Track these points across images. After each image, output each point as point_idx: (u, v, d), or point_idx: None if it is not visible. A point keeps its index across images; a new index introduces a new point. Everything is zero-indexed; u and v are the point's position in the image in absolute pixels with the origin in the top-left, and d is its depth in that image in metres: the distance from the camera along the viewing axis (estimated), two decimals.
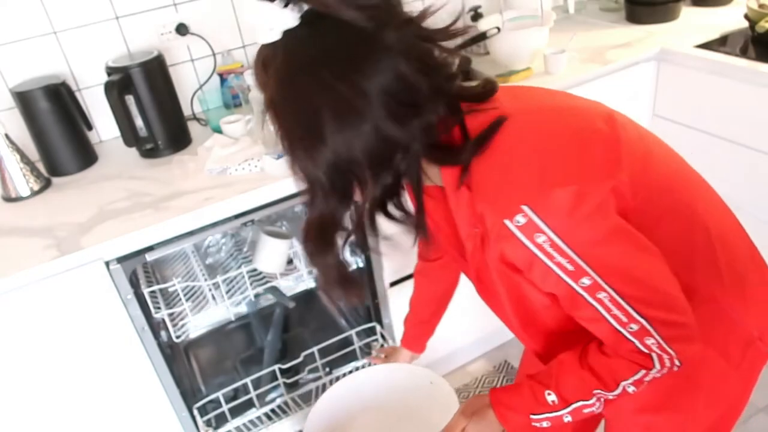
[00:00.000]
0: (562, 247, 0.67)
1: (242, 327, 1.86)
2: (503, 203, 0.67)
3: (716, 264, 0.80)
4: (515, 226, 0.66)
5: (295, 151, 0.68)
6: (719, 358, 0.82)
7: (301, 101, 0.65)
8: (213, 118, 1.63)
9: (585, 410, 0.81)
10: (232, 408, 1.50)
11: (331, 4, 0.63)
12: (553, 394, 0.81)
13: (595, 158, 0.71)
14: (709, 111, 1.69)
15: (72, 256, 1.18)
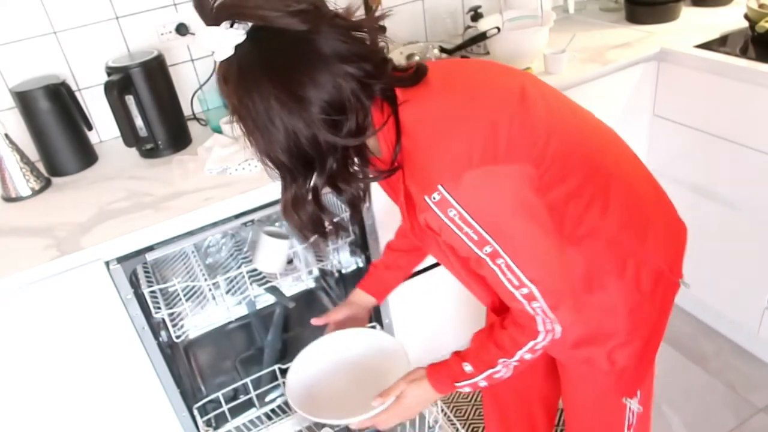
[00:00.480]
0: (469, 221, 0.79)
1: (242, 327, 1.86)
2: (424, 182, 0.79)
3: (626, 209, 0.93)
4: (432, 202, 0.79)
5: (257, 149, 0.81)
6: (634, 291, 0.95)
7: (254, 107, 0.76)
8: (213, 118, 1.63)
9: (495, 375, 0.96)
10: (232, 408, 1.50)
11: (267, 16, 0.73)
12: (469, 365, 0.97)
13: (504, 141, 0.81)
14: (709, 111, 1.69)
15: (72, 256, 1.18)
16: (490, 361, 0.96)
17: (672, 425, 1.74)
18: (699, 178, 1.80)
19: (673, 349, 1.97)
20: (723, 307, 1.91)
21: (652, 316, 0.99)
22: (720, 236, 1.80)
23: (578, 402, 1.15)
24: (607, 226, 0.91)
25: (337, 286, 1.91)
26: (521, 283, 0.84)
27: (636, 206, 0.95)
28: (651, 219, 0.97)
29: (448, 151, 0.79)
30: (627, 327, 0.98)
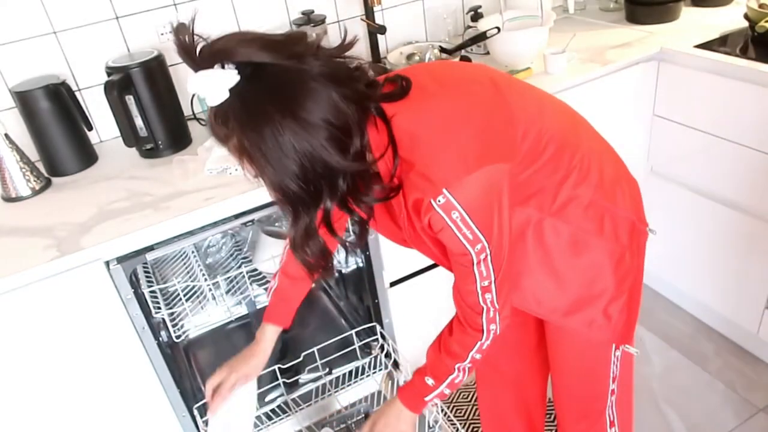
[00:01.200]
0: (468, 222, 0.86)
1: (242, 327, 1.86)
2: (429, 187, 0.85)
3: (595, 174, 1.03)
4: (438, 205, 0.85)
5: (270, 184, 0.82)
6: (615, 244, 1.05)
7: (265, 141, 0.77)
8: None
9: (456, 381, 1.06)
10: None
11: (254, 54, 0.76)
12: (430, 378, 1.07)
13: (492, 140, 0.89)
14: (709, 111, 1.69)
15: (72, 256, 1.18)
16: (447, 369, 1.05)
17: (672, 425, 1.75)
18: (699, 178, 1.80)
19: (673, 349, 1.97)
20: (723, 307, 1.91)
21: (633, 264, 1.08)
22: (720, 236, 1.80)
23: (567, 360, 1.23)
24: (582, 192, 1.01)
25: (337, 285, 1.91)
26: (488, 275, 0.93)
27: (602, 170, 1.04)
28: (615, 179, 1.07)
29: (446, 158, 0.85)
30: (615, 280, 1.07)
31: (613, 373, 1.17)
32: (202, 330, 1.86)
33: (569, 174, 1.00)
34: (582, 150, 1.02)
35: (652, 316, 2.10)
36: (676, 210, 1.91)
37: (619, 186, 1.07)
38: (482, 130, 0.88)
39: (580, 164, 1.00)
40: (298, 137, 0.77)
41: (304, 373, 1.62)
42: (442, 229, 0.87)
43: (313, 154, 0.78)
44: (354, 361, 1.64)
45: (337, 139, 0.79)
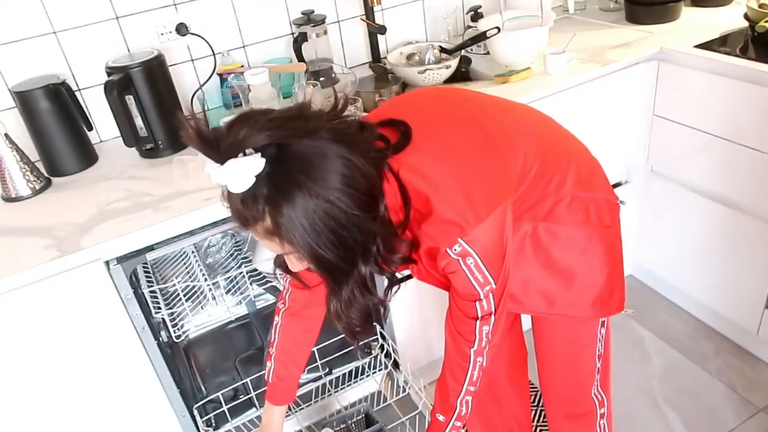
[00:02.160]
0: (481, 267, 0.92)
1: (242, 327, 1.86)
2: (444, 238, 0.89)
3: (573, 169, 1.06)
4: (454, 253, 0.90)
5: (309, 257, 0.83)
6: (600, 227, 1.11)
7: (298, 216, 0.78)
8: (213, 118, 1.63)
9: (462, 414, 1.07)
10: (231, 408, 1.51)
11: (275, 137, 0.77)
12: (441, 415, 1.08)
13: (494, 182, 0.92)
14: (709, 111, 1.69)
15: (72, 256, 1.18)
16: (450, 405, 1.07)
17: (672, 425, 1.74)
18: (699, 178, 1.80)
19: (673, 349, 1.97)
20: (723, 307, 1.91)
21: (616, 239, 1.15)
22: (720, 236, 1.80)
23: (552, 344, 1.26)
24: (566, 191, 1.05)
25: None
26: (489, 308, 0.98)
27: (578, 164, 1.08)
28: (588, 167, 1.11)
29: (457, 208, 0.88)
30: (610, 258, 1.13)
31: (598, 350, 1.22)
32: (202, 330, 1.86)
33: (551, 179, 1.03)
34: (558, 152, 1.06)
35: (652, 316, 2.10)
36: (676, 210, 1.91)
37: (593, 172, 1.12)
38: (484, 173, 0.91)
39: (559, 166, 1.04)
40: (330, 208, 0.79)
41: (304, 373, 1.62)
42: (455, 273, 0.93)
43: (346, 222, 0.80)
44: (354, 361, 1.64)
45: (365, 203, 0.82)
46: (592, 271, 1.12)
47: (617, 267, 1.16)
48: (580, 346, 1.23)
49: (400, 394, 1.48)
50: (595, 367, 1.24)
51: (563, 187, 1.05)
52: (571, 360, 1.26)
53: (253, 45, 1.80)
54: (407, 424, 1.45)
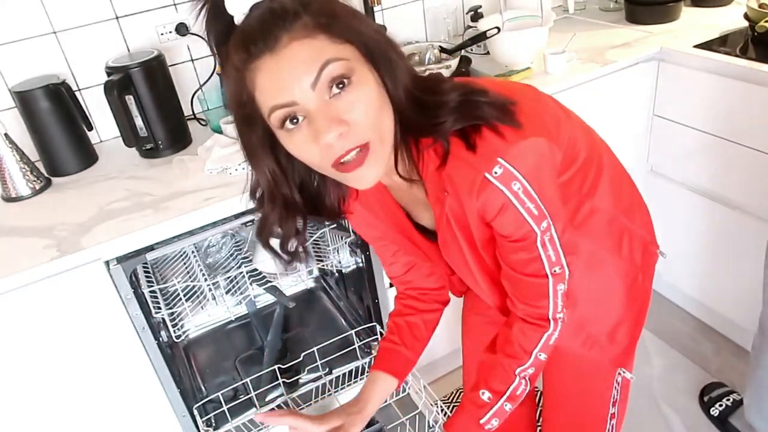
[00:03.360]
0: (531, 194, 0.78)
1: (242, 327, 1.86)
2: (481, 161, 0.76)
3: (616, 189, 1.00)
4: (494, 177, 0.76)
5: (365, 51, 0.76)
6: (630, 265, 1.02)
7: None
8: (213, 118, 1.63)
9: (517, 392, 0.94)
10: (231, 408, 1.50)
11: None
12: (486, 392, 0.94)
13: (540, 117, 0.83)
14: (709, 111, 1.69)
15: (72, 256, 1.18)
16: (507, 375, 0.93)
17: (672, 425, 1.75)
18: (699, 178, 1.80)
19: (673, 349, 1.97)
20: (723, 307, 1.91)
21: (644, 286, 1.06)
22: (720, 236, 1.80)
23: (566, 381, 1.16)
24: (605, 206, 0.97)
25: (337, 285, 1.91)
26: (558, 259, 0.85)
27: (621, 186, 1.02)
28: (632, 197, 1.05)
29: (496, 130, 0.78)
30: (625, 302, 1.03)
31: (614, 397, 1.12)
32: (202, 330, 1.86)
33: (595, 187, 0.95)
34: (604, 164, 0.98)
35: (652, 316, 2.08)
36: (676, 210, 1.91)
37: (636, 205, 1.05)
38: (528, 108, 0.81)
39: (602, 178, 0.97)
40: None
41: (304, 373, 1.62)
42: (502, 208, 0.79)
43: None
44: (354, 361, 1.64)
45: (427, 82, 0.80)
46: (600, 306, 1.02)
47: (631, 317, 1.05)
48: (590, 386, 1.12)
49: (400, 394, 1.47)
50: (607, 412, 1.12)
51: (604, 200, 0.96)
52: (579, 400, 1.15)
53: None
54: (407, 424, 1.45)
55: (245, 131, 0.78)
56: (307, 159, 0.76)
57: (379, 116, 0.74)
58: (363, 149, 0.74)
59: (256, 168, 0.82)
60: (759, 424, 1.45)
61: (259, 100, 0.73)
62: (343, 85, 0.71)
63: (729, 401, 1.73)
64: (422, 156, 0.81)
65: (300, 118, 0.72)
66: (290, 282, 1.94)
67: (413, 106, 0.77)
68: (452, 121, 0.77)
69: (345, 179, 0.78)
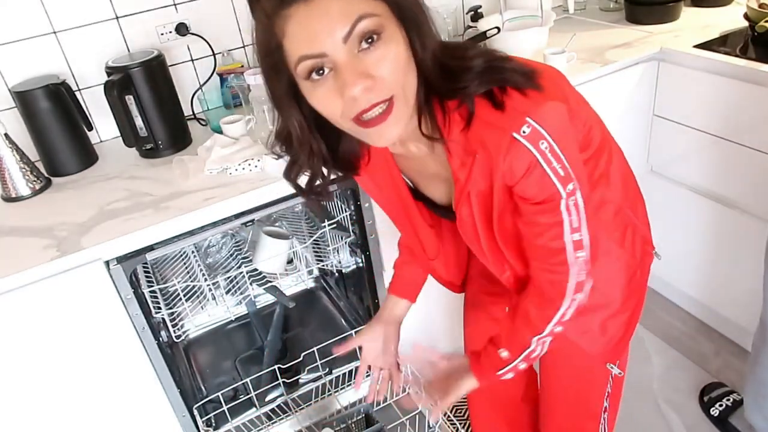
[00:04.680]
0: (558, 153, 0.78)
1: (242, 327, 1.86)
2: (508, 119, 0.76)
3: (623, 181, 1.01)
4: (522, 136, 0.76)
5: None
6: (631, 258, 1.03)
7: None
8: (213, 118, 1.63)
9: (532, 355, 0.99)
10: (231, 408, 1.50)
11: None
12: (505, 351, 1.00)
13: (561, 87, 0.84)
14: (709, 111, 1.69)
15: (72, 256, 1.18)
16: (523, 341, 0.98)
17: (672, 425, 1.75)
18: (699, 178, 1.80)
19: (673, 349, 1.97)
20: (723, 307, 1.91)
21: (641, 283, 1.07)
22: (720, 236, 1.80)
23: (561, 374, 1.20)
24: (613, 195, 0.98)
25: (337, 285, 1.91)
26: (579, 225, 0.85)
27: (627, 179, 1.03)
28: (636, 192, 1.06)
29: (522, 91, 0.78)
30: (622, 295, 1.04)
31: (607, 390, 1.15)
32: (202, 330, 1.86)
33: (606, 175, 0.96)
34: (614, 154, 0.99)
35: (652, 316, 2.10)
36: (676, 210, 1.91)
37: (639, 200, 1.07)
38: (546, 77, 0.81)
39: (612, 167, 0.98)
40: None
41: (304, 373, 1.62)
42: (528, 169, 0.79)
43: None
44: (354, 361, 1.64)
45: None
46: (598, 295, 1.00)
47: (626, 311, 1.06)
48: (585, 379, 1.15)
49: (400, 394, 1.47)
50: (601, 405, 1.16)
51: (612, 191, 0.97)
52: (574, 393, 1.19)
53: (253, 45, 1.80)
54: (407, 424, 1.45)
55: (272, 79, 0.78)
56: (329, 112, 0.76)
57: (404, 75, 0.74)
58: (387, 106, 0.74)
59: (282, 116, 0.83)
60: (759, 424, 1.45)
61: (287, 48, 0.73)
62: (372, 41, 0.71)
63: (729, 401, 1.73)
64: (448, 118, 0.81)
65: (326, 70, 0.72)
66: (290, 282, 1.94)
67: (439, 70, 0.77)
68: (476, 84, 0.77)
69: (365, 134, 0.78)
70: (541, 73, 0.80)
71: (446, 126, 0.82)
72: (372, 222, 1.50)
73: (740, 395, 1.73)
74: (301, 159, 0.88)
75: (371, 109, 0.73)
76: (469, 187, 0.86)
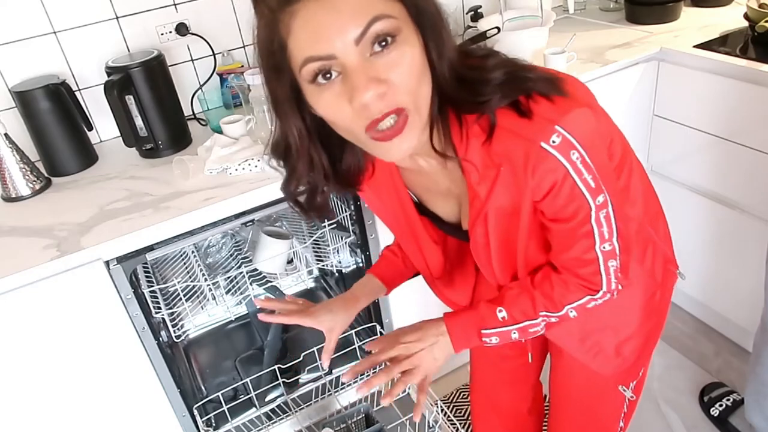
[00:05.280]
0: (589, 164, 0.73)
1: (242, 327, 1.86)
2: (536, 128, 0.71)
3: (645, 196, 0.96)
4: (551, 146, 0.70)
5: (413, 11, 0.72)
6: (650, 279, 0.98)
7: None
8: (213, 118, 1.63)
9: (531, 329, 0.89)
10: (231, 408, 1.50)
11: None
12: (504, 311, 0.88)
13: (591, 102, 0.78)
14: (709, 111, 1.69)
15: (72, 256, 1.18)
16: (533, 310, 0.88)
17: (672, 425, 1.74)
18: (699, 178, 1.80)
19: (673, 349, 1.97)
20: (723, 307, 1.91)
21: (660, 306, 1.01)
22: (720, 236, 1.80)
23: (572, 394, 1.15)
24: (635, 212, 0.93)
25: (337, 285, 1.91)
26: (610, 235, 0.80)
27: (648, 194, 0.98)
28: (657, 209, 1.02)
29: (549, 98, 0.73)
30: (639, 317, 0.99)
31: (623, 411, 1.10)
32: (202, 330, 1.86)
33: (626, 191, 0.91)
34: (635, 168, 0.94)
35: None
36: (676, 210, 1.91)
37: (660, 217, 1.02)
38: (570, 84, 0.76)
39: (633, 181, 0.92)
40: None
41: (304, 373, 1.63)
42: (556, 183, 0.73)
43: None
44: (354, 361, 1.64)
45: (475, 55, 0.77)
46: (614, 317, 0.96)
47: (642, 334, 1.01)
48: (600, 400, 1.10)
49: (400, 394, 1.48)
50: (617, 427, 1.11)
51: (633, 206, 0.92)
52: (589, 414, 1.13)
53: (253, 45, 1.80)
54: (407, 424, 1.45)
55: (273, 81, 0.72)
56: (337, 119, 0.69)
57: (418, 83, 0.68)
58: (400, 117, 0.68)
59: (281, 122, 0.76)
60: (759, 424, 1.45)
61: (291, 48, 0.66)
62: (386, 44, 0.65)
63: (729, 401, 1.73)
64: (466, 132, 0.75)
65: (334, 74, 0.66)
66: (290, 282, 1.94)
67: (457, 81, 0.72)
68: (499, 98, 0.72)
69: (375, 147, 0.71)
70: (565, 79, 0.75)
71: (463, 140, 0.76)
72: (372, 222, 1.50)
73: (740, 395, 1.73)
74: (299, 170, 0.81)
75: (383, 119, 0.67)
76: (488, 206, 0.79)
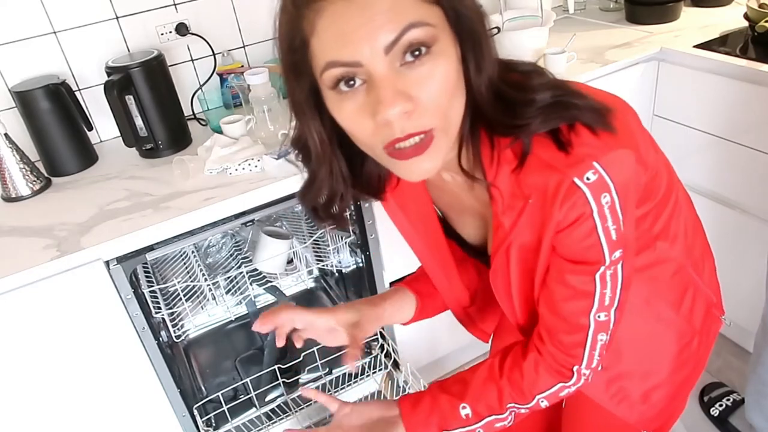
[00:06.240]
0: (617, 212, 0.66)
1: (242, 327, 1.86)
2: (573, 161, 0.64)
3: (689, 234, 0.88)
4: (584, 183, 0.63)
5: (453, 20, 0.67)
6: (686, 325, 0.89)
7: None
8: (213, 118, 1.63)
9: (497, 424, 0.82)
10: (231, 408, 1.51)
11: None
12: (468, 407, 0.81)
13: (636, 138, 0.71)
14: (709, 111, 1.69)
15: (72, 256, 1.18)
16: (500, 404, 0.80)
17: None
18: (699, 178, 1.80)
19: None
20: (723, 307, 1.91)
21: (699, 353, 0.92)
22: (720, 236, 1.80)
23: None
24: (675, 253, 0.84)
25: (337, 286, 1.91)
26: (611, 302, 0.72)
27: (695, 234, 0.89)
28: (703, 249, 0.92)
29: (593, 131, 0.65)
30: (670, 366, 0.90)
31: None
32: (202, 330, 1.86)
33: (667, 229, 0.82)
34: (681, 206, 0.86)
35: None
36: None
37: (707, 259, 0.93)
38: (618, 117, 0.68)
39: (676, 221, 0.84)
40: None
41: (304, 373, 1.63)
42: (578, 219, 0.66)
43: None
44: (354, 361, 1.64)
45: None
46: (643, 362, 0.88)
47: (674, 383, 0.91)
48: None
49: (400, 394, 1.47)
50: None
51: (674, 246, 0.84)
52: None
53: (253, 45, 1.80)
54: None
55: (292, 81, 0.67)
56: (356, 132, 0.64)
57: (450, 100, 0.62)
58: (425, 137, 0.61)
59: (302, 125, 0.70)
60: (760, 424, 1.45)
61: (314, 48, 0.61)
62: (419, 54, 0.58)
63: (729, 401, 1.73)
64: (497, 156, 0.68)
65: (358, 82, 0.60)
66: (290, 282, 1.94)
67: (494, 100, 0.66)
68: (539, 122, 0.65)
69: (394, 165, 0.65)
70: (615, 111, 0.67)
71: (493, 164, 0.69)
72: (372, 222, 1.50)
73: (740, 395, 1.73)
74: (321, 177, 0.74)
75: (406, 140, 0.61)
76: (512, 237, 0.72)
